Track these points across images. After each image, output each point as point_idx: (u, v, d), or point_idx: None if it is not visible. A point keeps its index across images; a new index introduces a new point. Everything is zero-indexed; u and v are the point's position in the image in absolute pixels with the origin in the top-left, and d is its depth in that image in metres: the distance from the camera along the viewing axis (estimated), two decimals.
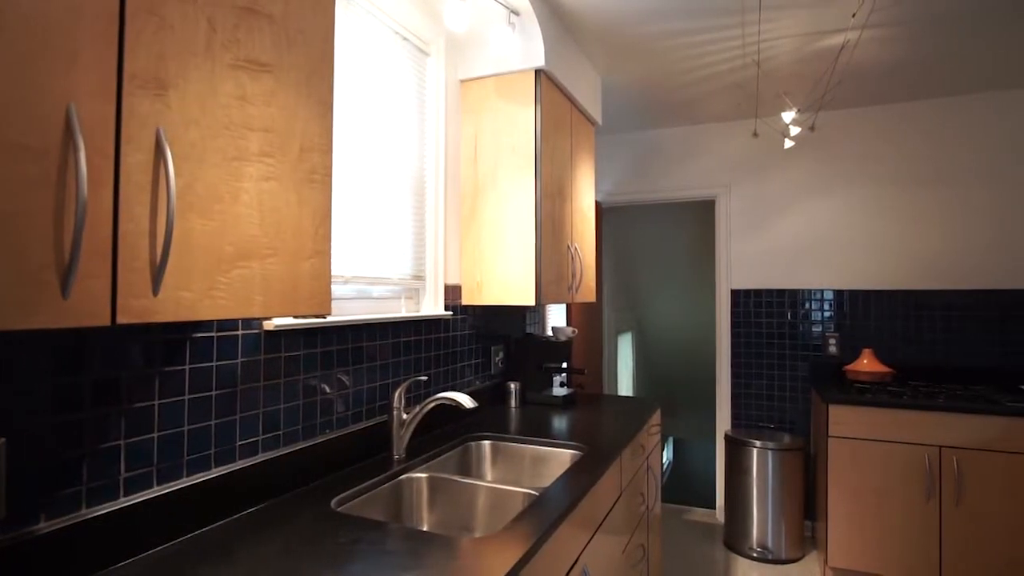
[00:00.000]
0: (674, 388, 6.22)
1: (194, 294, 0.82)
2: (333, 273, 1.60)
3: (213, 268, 0.85)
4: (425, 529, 1.54)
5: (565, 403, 2.48)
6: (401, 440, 1.66)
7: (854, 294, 3.34)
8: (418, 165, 2.02)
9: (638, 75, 2.93)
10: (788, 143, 3.00)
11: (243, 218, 0.89)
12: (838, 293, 3.37)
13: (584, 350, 3.54)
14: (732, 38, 2.48)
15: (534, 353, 2.59)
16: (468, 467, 1.90)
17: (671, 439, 7.14)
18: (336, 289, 1.63)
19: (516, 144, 2.19)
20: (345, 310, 1.67)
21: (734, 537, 3.19)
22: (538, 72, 2.18)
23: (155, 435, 1.10)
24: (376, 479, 1.49)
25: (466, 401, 1.53)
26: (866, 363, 3.04)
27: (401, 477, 1.57)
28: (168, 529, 1.10)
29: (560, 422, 2.17)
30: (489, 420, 2.17)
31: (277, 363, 1.39)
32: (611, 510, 1.74)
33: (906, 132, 3.28)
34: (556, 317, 3.30)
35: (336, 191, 1.60)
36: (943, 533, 2.58)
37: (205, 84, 0.84)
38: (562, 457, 1.84)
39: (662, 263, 5.71)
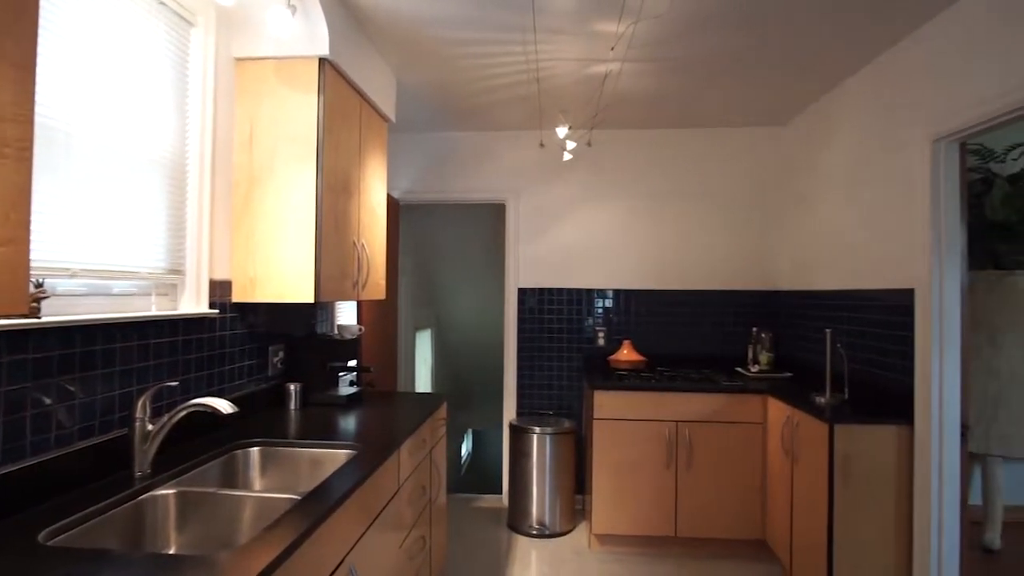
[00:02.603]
0: (473, 382, 6.47)
1: None
2: (55, 266, 1.35)
3: None
4: (171, 552, 1.39)
5: (350, 402, 2.43)
6: (145, 455, 1.47)
7: (618, 292, 3.82)
8: (177, 147, 1.81)
9: (432, 77, 2.98)
10: (566, 156, 3.32)
11: None
12: (604, 292, 3.82)
13: (377, 348, 3.51)
14: (515, 53, 2.66)
15: (318, 352, 2.49)
16: (233, 477, 1.76)
17: (470, 431, 7.41)
18: (58, 284, 1.38)
19: (297, 133, 2.08)
20: (73, 308, 1.43)
21: (516, 518, 3.44)
22: (322, 61, 2.10)
23: None
24: (108, 502, 1.30)
25: (223, 406, 1.42)
26: (626, 353, 3.50)
27: (143, 496, 1.39)
28: None
29: (343, 422, 2.12)
30: (263, 425, 2.03)
31: None
32: (386, 506, 1.76)
33: (663, 154, 3.84)
34: (347, 314, 3.22)
35: (57, 171, 1.36)
36: (678, 492, 3.09)
37: None
38: (338, 458, 1.80)
39: (462, 261, 5.90)
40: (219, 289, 1.99)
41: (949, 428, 2.24)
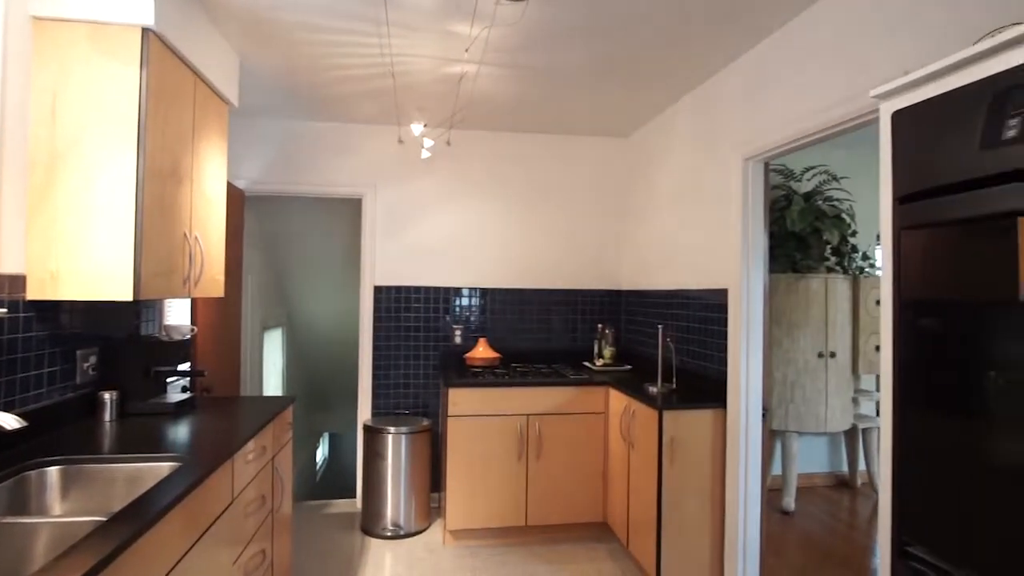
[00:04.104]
0: (329, 383, 6.19)
1: None
2: None
3: None
4: None
5: (180, 410, 2.22)
6: None
7: (473, 291, 3.89)
8: None
9: (281, 62, 2.81)
10: (425, 154, 3.31)
11: None
12: (460, 290, 3.88)
13: (217, 349, 3.23)
14: (370, 46, 2.59)
15: (142, 356, 2.24)
16: (23, 503, 1.52)
17: (327, 435, 7.08)
18: None
19: (113, 109, 1.84)
20: None
21: (370, 521, 3.36)
22: (146, 31, 1.89)
23: None
24: None
25: (6, 421, 1.22)
26: (481, 350, 3.57)
27: None
28: None
29: (169, 432, 1.93)
30: (68, 440, 1.78)
31: None
32: (216, 520, 1.63)
33: (518, 157, 3.98)
34: (180, 313, 2.92)
35: None
36: (528, 483, 3.22)
37: None
38: (159, 472, 1.63)
39: (317, 257, 5.62)
40: (9, 284, 1.71)
41: (753, 410, 2.58)
